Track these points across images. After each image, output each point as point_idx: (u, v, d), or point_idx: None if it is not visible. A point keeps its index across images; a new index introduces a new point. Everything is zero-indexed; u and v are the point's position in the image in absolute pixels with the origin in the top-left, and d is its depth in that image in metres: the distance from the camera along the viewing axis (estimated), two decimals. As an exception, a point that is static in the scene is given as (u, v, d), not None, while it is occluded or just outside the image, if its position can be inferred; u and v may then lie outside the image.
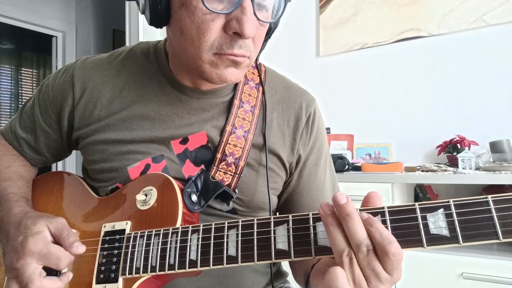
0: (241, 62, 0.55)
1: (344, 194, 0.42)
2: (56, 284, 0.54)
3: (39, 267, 0.54)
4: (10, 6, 3.34)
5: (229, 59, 0.54)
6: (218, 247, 0.50)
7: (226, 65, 0.55)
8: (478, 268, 1.27)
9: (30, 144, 0.73)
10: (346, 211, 0.41)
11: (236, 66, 0.56)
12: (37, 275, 0.53)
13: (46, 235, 0.56)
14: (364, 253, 0.40)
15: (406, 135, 1.95)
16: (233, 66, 0.56)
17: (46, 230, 0.56)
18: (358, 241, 0.40)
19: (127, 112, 0.65)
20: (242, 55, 0.54)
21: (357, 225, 0.41)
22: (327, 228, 0.43)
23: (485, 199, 0.40)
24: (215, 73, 0.56)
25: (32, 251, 0.53)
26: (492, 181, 1.32)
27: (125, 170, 0.64)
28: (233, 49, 0.53)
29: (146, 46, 0.71)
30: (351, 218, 0.41)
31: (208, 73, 0.56)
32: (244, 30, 0.50)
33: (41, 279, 0.53)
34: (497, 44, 1.75)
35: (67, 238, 0.56)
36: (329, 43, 2.20)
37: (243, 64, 0.56)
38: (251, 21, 0.51)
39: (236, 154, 0.64)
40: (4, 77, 3.85)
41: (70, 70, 0.69)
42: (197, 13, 0.51)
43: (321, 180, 0.71)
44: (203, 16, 0.51)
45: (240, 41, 0.53)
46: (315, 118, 0.71)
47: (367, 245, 0.40)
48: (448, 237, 0.40)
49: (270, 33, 0.63)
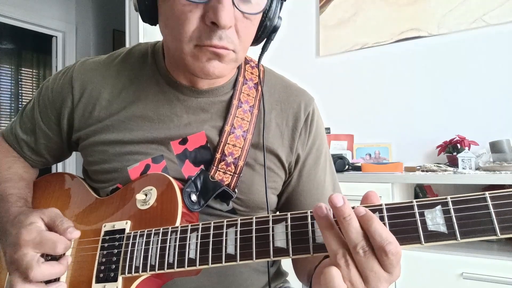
0: (224, 55, 0.54)
1: (340, 196, 0.41)
2: (56, 267, 0.54)
3: (36, 255, 0.54)
4: (10, 6, 3.34)
5: (209, 50, 0.54)
6: (217, 245, 0.50)
7: (208, 57, 0.55)
8: (478, 268, 1.27)
9: (31, 146, 0.74)
10: (343, 214, 0.41)
11: (219, 59, 0.55)
12: (35, 261, 0.53)
13: (39, 225, 0.56)
14: (361, 255, 0.40)
15: (406, 135, 1.95)
16: (216, 59, 0.55)
17: (39, 220, 0.57)
18: (354, 243, 0.40)
19: (126, 113, 0.66)
20: (223, 47, 0.54)
21: (353, 227, 0.40)
22: (321, 231, 0.43)
23: (482, 195, 0.40)
24: (197, 66, 0.55)
25: (26, 240, 0.53)
26: (492, 181, 1.32)
27: (125, 171, 0.65)
28: (212, 40, 0.52)
29: (144, 47, 0.71)
30: (347, 220, 0.41)
31: (190, 66, 0.56)
32: (219, 19, 0.50)
33: (40, 264, 0.53)
34: (497, 44, 1.75)
35: (61, 225, 0.56)
36: (329, 43, 2.20)
37: (226, 58, 0.55)
38: (226, 9, 0.51)
39: (235, 154, 0.64)
40: (4, 77, 3.85)
41: (69, 72, 0.70)
42: (176, 5, 0.52)
43: (321, 179, 0.71)
44: (182, 8, 0.52)
45: (219, 32, 0.52)
46: (313, 117, 0.71)
47: (363, 247, 0.40)
48: (446, 233, 0.40)
49: (268, 32, 0.63)
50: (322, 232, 0.43)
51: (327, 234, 0.42)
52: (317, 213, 0.43)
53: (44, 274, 0.53)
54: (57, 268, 0.54)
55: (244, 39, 0.56)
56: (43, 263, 0.53)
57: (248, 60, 0.73)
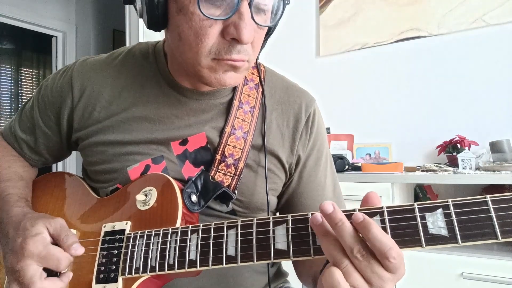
0: (240, 67, 0.55)
1: (330, 203, 0.42)
2: (57, 284, 0.55)
3: (39, 269, 0.54)
4: (10, 6, 3.34)
5: (227, 64, 0.54)
6: (217, 247, 0.50)
7: (225, 69, 0.55)
8: (478, 268, 1.27)
9: (30, 145, 0.73)
10: (334, 220, 0.41)
11: (235, 70, 0.56)
12: (38, 277, 0.53)
13: (45, 236, 0.56)
14: (359, 259, 0.40)
15: (406, 135, 1.95)
16: (232, 71, 0.56)
17: (45, 231, 0.56)
18: (350, 248, 0.40)
19: (126, 113, 0.66)
20: (241, 60, 0.54)
21: (347, 232, 0.41)
22: (319, 238, 0.43)
23: (483, 199, 0.40)
24: (214, 78, 0.56)
25: (31, 252, 0.53)
26: (492, 181, 1.32)
27: (125, 171, 0.65)
28: (232, 55, 0.53)
29: (145, 46, 0.71)
30: (339, 226, 0.41)
31: (207, 78, 0.56)
32: (242, 36, 0.50)
33: (42, 280, 0.53)
34: (497, 44, 1.75)
35: (66, 240, 0.56)
36: (329, 43, 2.20)
37: (242, 68, 0.56)
38: (249, 26, 0.51)
39: (235, 155, 0.64)
40: (4, 77, 3.85)
41: (69, 72, 0.69)
42: (195, 19, 0.51)
43: (322, 180, 0.71)
44: (201, 22, 0.51)
45: (239, 47, 0.53)
46: (314, 118, 0.71)
47: (360, 251, 0.40)
48: (447, 237, 0.40)
49: (269, 33, 0.63)
50: (320, 240, 0.43)
51: (324, 241, 0.42)
52: (312, 222, 0.44)
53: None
54: (58, 285, 0.55)
55: (256, 48, 0.57)
56: (46, 279, 0.54)
57: None
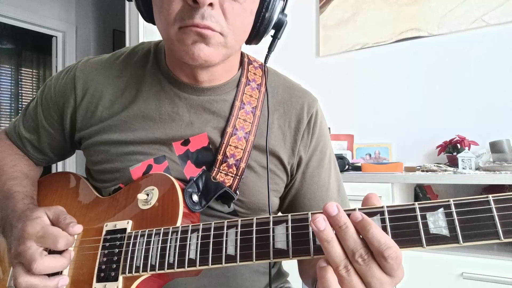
0: (209, 36, 0.53)
1: (334, 204, 0.41)
2: (59, 260, 0.55)
3: (39, 248, 0.54)
4: (10, 6, 3.34)
5: (192, 31, 0.52)
6: (217, 246, 0.50)
7: (193, 39, 0.53)
8: (478, 268, 1.27)
9: (34, 144, 0.74)
10: (338, 223, 0.40)
11: (205, 41, 0.53)
12: (38, 254, 0.53)
13: (44, 219, 0.57)
14: (360, 263, 0.40)
15: (406, 135, 1.95)
16: (201, 42, 0.53)
17: (44, 215, 0.57)
18: (352, 252, 0.40)
19: (128, 112, 0.66)
20: (206, 26, 0.52)
21: (350, 236, 0.40)
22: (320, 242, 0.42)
23: (486, 198, 0.39)
24: (183, 50, 0.54)
25: (30, 234, 0.54)
26: (492, 181, 1.32)
27: (127, 171, 0.65)
28: (194, 19, 0.51)
29: (147, 46, 0.71)
30: (343, 229, 0.40)
31: (177, 51, 0.55)
32: None
33: (43, 257, 0.53)
34: (497, 44, 1.76)
35: (64, 220, 0.57)
36: (329, 43, 2.20)
37: (213, 40, 0.53)
38: None
39: (237, 156, 0.64)
40: (4, 77, 3.85)
41: (72, 71, 0.70)
42: None
43: (326, 180, 0.71)
44: None
45: (201, 10, 0.51)
46: (317, 119, 0.71)
47: (361, 255, 0.39)
48: (448, 237, 0.40)
49: (269, 26, 0.61)
50: (321, 244, 0.42)
51: (325, 245, 0.41)
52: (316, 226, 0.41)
53: (46, 267, 0.53)
54: (59, 261, 0.55)
55: (233, 22, 0.54)
56: (46, 256, 0.54)
57: (251, 61, 0.73)
